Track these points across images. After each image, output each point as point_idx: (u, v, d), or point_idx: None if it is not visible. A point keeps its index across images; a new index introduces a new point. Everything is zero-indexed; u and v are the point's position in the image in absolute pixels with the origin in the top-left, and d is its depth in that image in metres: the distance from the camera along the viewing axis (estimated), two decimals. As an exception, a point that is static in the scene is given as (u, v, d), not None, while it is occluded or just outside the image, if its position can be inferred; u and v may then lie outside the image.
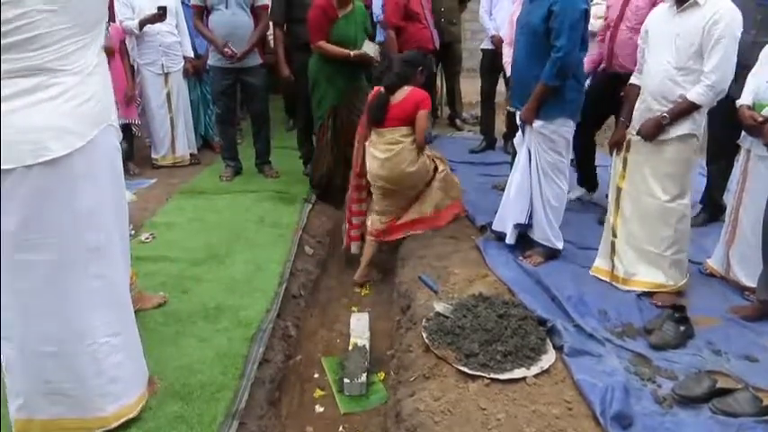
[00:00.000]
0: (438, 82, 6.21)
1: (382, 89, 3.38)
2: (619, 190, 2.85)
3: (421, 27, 4.89)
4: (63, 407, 1.85)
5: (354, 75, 4.12)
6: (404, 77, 3.37)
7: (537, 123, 2.98)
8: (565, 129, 3.00)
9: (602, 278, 2.97)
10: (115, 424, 1.92)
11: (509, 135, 4.84)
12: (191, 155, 5.11)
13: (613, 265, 2.92)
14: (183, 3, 4.90)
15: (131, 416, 1.98)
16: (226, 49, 4.19)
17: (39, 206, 1.66)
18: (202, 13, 4.35)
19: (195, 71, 5.10)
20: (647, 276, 2.81)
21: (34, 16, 1.53)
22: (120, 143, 1.94)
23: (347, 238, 3.81)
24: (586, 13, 2.83)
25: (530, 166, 3.07)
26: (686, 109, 2.53)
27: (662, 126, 2.59)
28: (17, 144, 1.59)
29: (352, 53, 3.90)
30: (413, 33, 4.80)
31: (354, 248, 3.75)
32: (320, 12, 3.89)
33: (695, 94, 2.49)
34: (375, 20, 5.12)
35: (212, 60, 4.39)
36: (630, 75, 2.91)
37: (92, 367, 1.84)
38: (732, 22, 2.42)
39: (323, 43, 3.92)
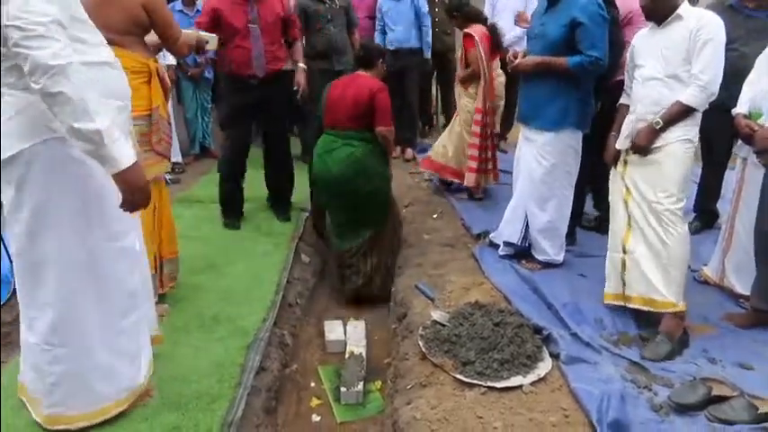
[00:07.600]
0: (433, 91, 6.24)
1: None
2: (626, 204, 2.67)
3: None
4: (64, 398, 1.97)
5: None
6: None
7: (547, 136, 2.97)
8: (573, 139, 3.00)
9: (616, 303, 2.71)
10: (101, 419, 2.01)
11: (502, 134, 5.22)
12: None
13: (624, 284, 2.66)
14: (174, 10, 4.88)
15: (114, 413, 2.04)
16: None
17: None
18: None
19: (194, 78, 5.09)
20: (647, 293, 2.58)
21: None
22: None
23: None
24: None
25: (530, 181, 3.06)
26: (679, 112, 2.51)
27: (655, 132, 2.57)
28: None
29: None
30: None
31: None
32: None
33: (688, 95, 2.47)
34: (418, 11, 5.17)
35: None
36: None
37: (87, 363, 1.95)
38: (716, 27, 2.45)
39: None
